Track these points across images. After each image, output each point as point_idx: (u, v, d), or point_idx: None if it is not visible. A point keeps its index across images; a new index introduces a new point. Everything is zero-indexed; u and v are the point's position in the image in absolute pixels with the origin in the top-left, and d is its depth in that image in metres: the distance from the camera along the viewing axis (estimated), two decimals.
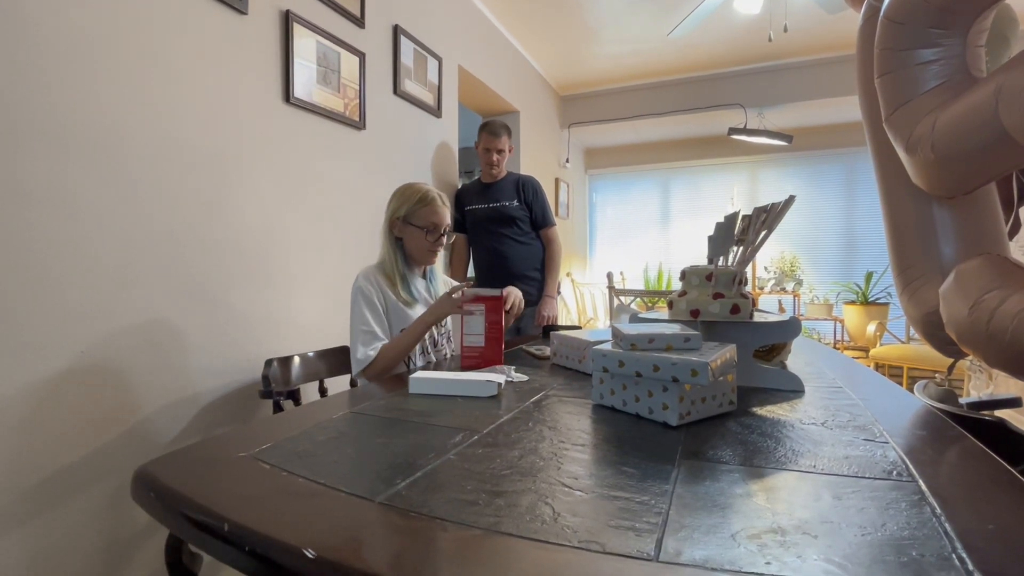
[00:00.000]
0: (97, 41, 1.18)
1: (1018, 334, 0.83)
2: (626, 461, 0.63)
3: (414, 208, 1.44)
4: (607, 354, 0.85)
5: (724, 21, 3.17)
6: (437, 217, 1.45)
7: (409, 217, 1.44)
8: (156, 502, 0.56)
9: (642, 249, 5.35)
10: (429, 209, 1.44)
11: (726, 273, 1.05)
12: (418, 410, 0.87)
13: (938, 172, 1.04)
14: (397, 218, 1.45)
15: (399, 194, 1.48)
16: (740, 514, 0.49)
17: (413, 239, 1.46)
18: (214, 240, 1.45)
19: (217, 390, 1.47)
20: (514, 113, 3.54)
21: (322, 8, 1.82)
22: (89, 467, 1.18)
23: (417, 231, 1.44)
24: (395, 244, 1.46)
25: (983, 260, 1.00)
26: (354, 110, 1.96)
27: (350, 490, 0.55)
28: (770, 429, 0.76)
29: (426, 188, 1.47)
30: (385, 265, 1.46)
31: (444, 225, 1.47)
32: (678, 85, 4.17)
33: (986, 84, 0.91)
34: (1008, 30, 1.34)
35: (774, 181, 4.97)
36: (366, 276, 1.41)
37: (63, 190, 1.12)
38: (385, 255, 1.46)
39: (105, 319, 1.20)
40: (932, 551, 0.42)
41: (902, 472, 0.59)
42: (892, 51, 1.09)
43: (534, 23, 3.26)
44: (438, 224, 1.46)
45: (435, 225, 1.45)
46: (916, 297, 1.21)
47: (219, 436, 0.74)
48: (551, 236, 2.54)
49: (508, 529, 0.46)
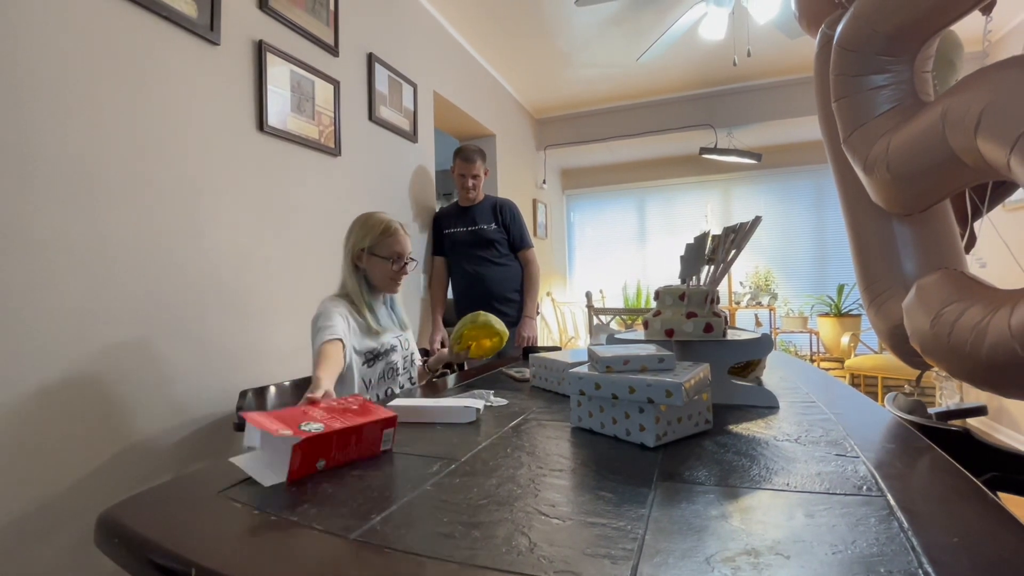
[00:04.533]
0: (66, 73, 1.17)
1: (977, 346, 0.86)
2: (603, 485, 0.63)
3: (378, 239, 1.44)
4: (583, 377, 0.86)
5: (690, 46, 3.28)
6: (400, 247, 1.46)
7: (373, 248, 1.44)
8: (120, 548, 0.54)
9: (620, 267, 5.42)
10: (393, 239, 1.45)
11: (698, 292, 1.07)
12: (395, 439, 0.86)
13: (894, 191, 1.08)
14: (361, 249, 1.44)
15: (360, 225, 1.48)
16: (715, 536, 0.49)
17: (378, 269, 1.45)
18: (187, 270, 1.43)
19: (190, 424, 1.43)
20: (490, 136, 3.59)
21: (295, 38, 1.83)
22: (50, 513, 1.13)
23: (382, 261, 1.44)
24: (359, 275, 1.46)
25: (942, 275, 1.04)
26: (329, 137, 1.97)
27: (323, 527, 0.54)
28: (745, 447, 0.77)
29: (387, 219, 1.48)
30: (352, 296, 1.44)
31: (407, 253, 1.48)
32: (650, 107, 4.29)
33: (934, 108, 0.96)
34: (953, 55, 1.41)
35: (746, 198, 5.10)
36: (332, 302, 1.39)
37: (30, 223, 1.10)
38: (350, 286, 1.45)
39: (71, 353, 1.17)
40: (899, 567, 0.43)
41: (871, 487, 0.61)
42: (846, 77, 1.14)
43: (507, 49, 3.33)
44: (402, 253, 1.46)
45: (399, 255, 1.46)
46: (882, 311, 1.25)
47: (188, 474, 0.72)
48: (529, 258, 2.56)
49: (484, 562, 0.46)
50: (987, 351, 0.84)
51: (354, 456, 0.73)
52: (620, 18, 2.97)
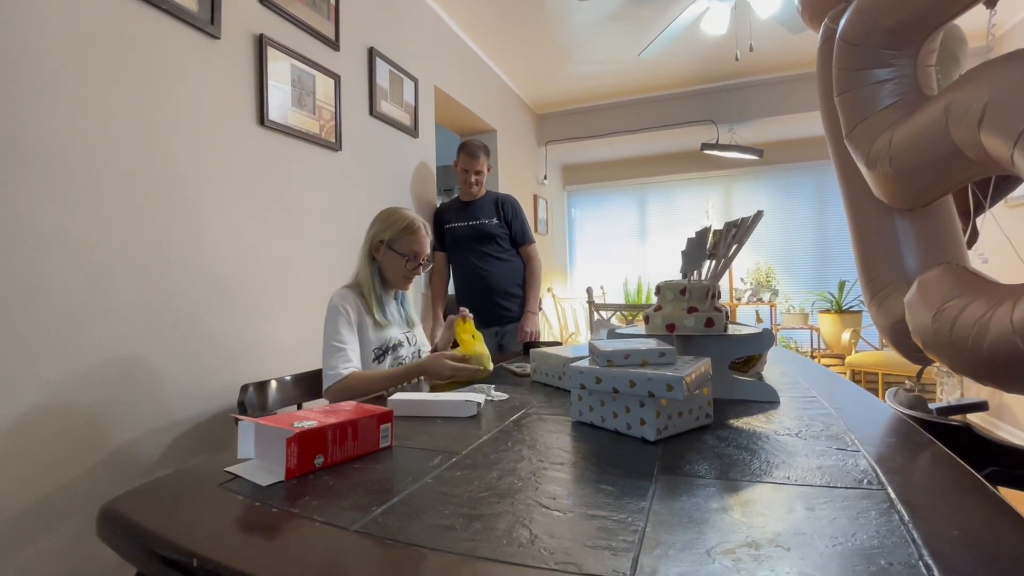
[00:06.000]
0: (66, 67, 1.17)
1: (979, 341, 0.85)
2: (604, 479, 0.63)
3: (398, 235, 1.44)
4: (584, 371, 0.86)
5: (692, 41, 3.27)
6: (419, 246, 1.46)
7: (392, 243, 1.44)
8: (123, 539, 0.54)
9: (621, 263, 5.41)
10: (413, 238, 1.45)
11: (699, 287, 1.07)
12: (396, 433, 0.86)
13: (897, 186, 1.08)
14: (380, 241, 1.45)
15: (384, 218, 1.48)
16: (716, 529, 0.49)
17: (392, 265, 1.46)
18: (188, 265, 1.43)
19: (192, 419, 1.43)
20: (491, 132, 3.58)
21: (296, 32, 1.83)
22: (55, 505, 1.13)
23: (398, 258, 1.45)
24: (373, 266, 1.46)
25: (944, 269, 1.04)
26: (330, 131, 1.96)
27: (324, 519, 0.54)
28: (746, 441, 0.77)
29: (412, 216, 1.48)
30: (362, 286, 1.45)
31: (424, 255, 1.48)
32: (651, 103, 4.27)
33: (937, 102, 0.96)
34: (957, 49, 1.40)
35: (747, 194, 5.09)
36: (342, 296, 1.40)
37: (28, 218, 1.10)
38: (362, 276, 1.46)
39: (74, 349, 1.17)
40: (900, 559, 0.43)
41: (872, 480, 0.61)
42: (849, 71, 1.13)
43: (508, 44, 3.31)
44: (419, 253, 1.47)
45: (416, 254, 1.46)
46: (884, 307, 1.24)
47: (190, 467, 0.72)
48: (530, 253, 2.56)
49: (485, 553, 0.46)
50: (989, 346, 0.84)
51: (353, 452, 0.73)
52: (622, 13, 2.95)
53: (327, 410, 0.79)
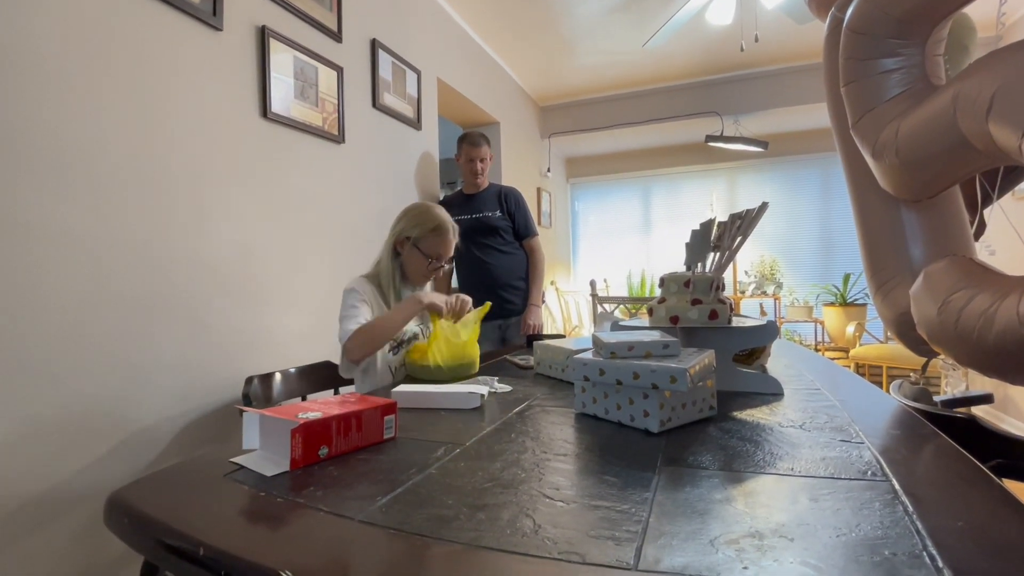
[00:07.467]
0: (67, 59, 1.17)
1: (984, 333, 0.85)
2: (607, 470, 0.64)
3: (427, 235, 1.44)
4: (588, 363, 0.86)
5: (697, 32, 3.24)
6: (444, 249, 1.47)
7: (418, 241, 1.44)
8: (129, 528, 0.55)
9: (625, 255, 5.40)
10: (440, 240, 1.46)
11: (703, 279, 1.06)
12: (400, 424, 0.86)
13: (903, 177, 1.07)
14: (406, 237, 1.45)
15: (415, 215, 1.48)
16: (719, 519, 0.50)
17: (414, 262, 1.46)
18: (192, 257, 1.43)
19: (197, 410, 1.44)
20: (494, 124, 3.56)
21: (298, 23, 1.82)
22: (62, 494, 1.14)
23: (421, 257, 1.45)
24: (396, 260, 1.47)
25: (950, 261, 1.03)
26: (333, 124, 1.96)
27: (330, 509, 0.54)
28: (749, 433, 0.77)
29: (442, 218, 1.47)
30: (381, 278, 1.45)
31: (448, 257, 1.49)
32: (655, 94, 4.24)
33: (945, 91, 0.95)
34: (966, 39, 1.39)
35: (752, 186, 5.06)
36: (359, 283, 1.41)
37: (31, 211, 1.10)
38: (383, 268, 1.46)
39: (78, 341, 1.18)
40: (904, 550, 0.43)
41: (876, 472, 0.60)
42: (856, 60, 1.12)
43: (511, 36, 3.29)
44: (443, 255, 1.47)
45: (440, 256, 1.46)
46: (889, 299, 1.24)
47: (196, 457, 0.73)
48: (534, 246, 2.55)
49: (489, 543, 0.46)
50: (995, 338, 0.83)
51: (357, 443, 0.74)
52: (626, 4, 2.93)
53: (330, 403, 0.80)
